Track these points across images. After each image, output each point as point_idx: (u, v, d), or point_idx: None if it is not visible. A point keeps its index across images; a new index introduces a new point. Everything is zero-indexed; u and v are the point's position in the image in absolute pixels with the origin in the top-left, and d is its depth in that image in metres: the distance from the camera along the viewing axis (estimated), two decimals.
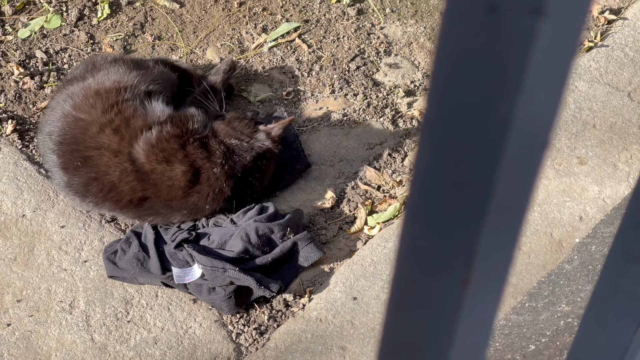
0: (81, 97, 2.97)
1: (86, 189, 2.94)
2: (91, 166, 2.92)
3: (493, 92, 0.58)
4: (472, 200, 0.64)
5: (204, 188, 2.94)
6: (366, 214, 3.07)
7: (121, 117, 2.92)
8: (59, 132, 2.95)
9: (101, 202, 2.95)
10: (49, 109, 3.04)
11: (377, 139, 3.28)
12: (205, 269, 2.81)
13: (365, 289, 2.87)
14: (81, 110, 2.95)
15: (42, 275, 2.90)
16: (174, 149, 2.93)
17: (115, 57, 3.20)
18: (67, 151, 2.93)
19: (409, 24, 3.63)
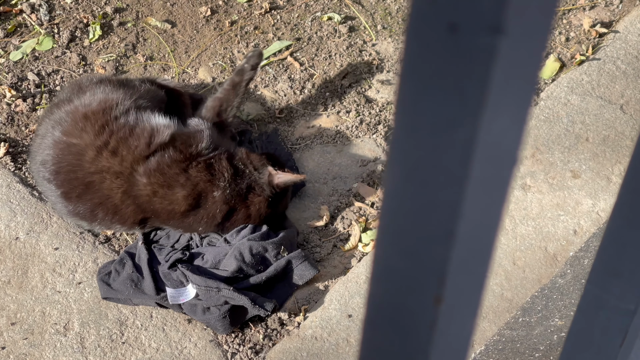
0: (70, 121, 2.95)
1: (93, 214, 2.94)
2: (94, 192, 2.91)
3: (456, 113, 0.58)
4: (440, 220, 0.63)
5: (200, 211, 2.94)
6: (360, 231, 3.07)
7: (116, 137, 2.90)
8: (53, 160, 2.93)
9: (109, 224, 2.96)
10: (38, 137, 3.01)
11: (370, 156, 3.28)
12: (199, 289, 2.80)
13: (360, 306, 2.86)
14: (72, 135, 2.93)
15: (36, 297, 2.89)
16: (176, 174, 2.91)
17: (101, 77, 3.18)
18: (66, 180, 2.92)
19: (401, 41, 3.64)
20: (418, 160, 0.62)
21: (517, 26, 0.55)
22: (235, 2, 3.74)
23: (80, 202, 2.92)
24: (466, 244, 0.65)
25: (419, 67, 0.58)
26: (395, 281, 0.70)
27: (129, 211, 2.91)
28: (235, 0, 3.75)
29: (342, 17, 3.69)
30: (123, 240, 3.07)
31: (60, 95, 3.18)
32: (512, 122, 0.61)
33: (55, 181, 2.93)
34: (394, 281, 0.70)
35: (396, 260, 0.69)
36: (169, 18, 3.69)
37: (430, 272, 0.66)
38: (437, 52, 0.57)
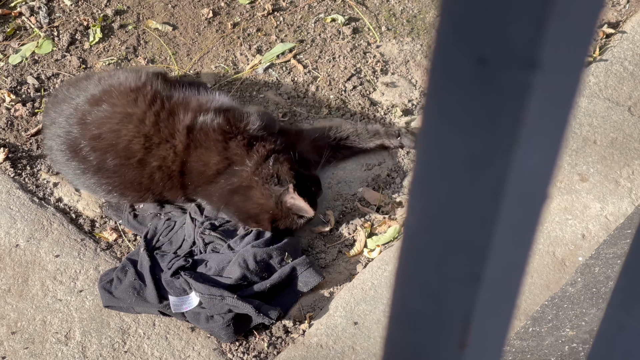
0: (112, 97, 3.00)
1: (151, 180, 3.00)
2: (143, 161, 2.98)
3: (485, 150, 0.54)
4: (466, 261, 0.59)
5: (221, 181, 2.94)
6: (366, 237, 3.02)
7: (168, 107, 3.00)
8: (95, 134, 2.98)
9: (160, 193, 3.03)
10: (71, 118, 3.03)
11: (375, 160, 3.24)
12: (202, 297, 2.76)
13: (366, 314, 2.82)
14: (121, 106, 2.99)
15: (37, 306, 2.85)
16: (217, 140, 2.96)
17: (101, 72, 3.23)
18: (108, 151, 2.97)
19: (405, 42, 3.59)
20: (443, 199, 0.58)
21: (553, 59, 0.50)
22: (238, 4, 3.70)
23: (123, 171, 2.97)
24: (493, 286, 0.61)
25: (446, 102, 0.54)
26: (417, 323, 0.66)
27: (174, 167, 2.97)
28: (237, 2, 3.70)
29: (345, 19, 3.65)
30: (125, 247, 3.03)
31: (60, 93, 3.12)
32: (545, 158, 0.56)
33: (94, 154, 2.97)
34: (415, 323, 0.66)
35: (417, 302, 0.64)
36: (170, 20, 3.65)
37: (455, 315, 0.62)
38: (465, 86, 0.52)
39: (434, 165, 0.57)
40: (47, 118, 3.08)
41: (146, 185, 2.99)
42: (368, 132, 3.20)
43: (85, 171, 2.99)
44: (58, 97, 3.09)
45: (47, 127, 3.07)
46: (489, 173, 0.54)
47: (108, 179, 2.99)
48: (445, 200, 0.58)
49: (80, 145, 2.97)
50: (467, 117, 0.53)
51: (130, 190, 3.00)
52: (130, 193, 3.01)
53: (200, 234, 2.97)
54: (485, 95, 0.52)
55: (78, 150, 2.98)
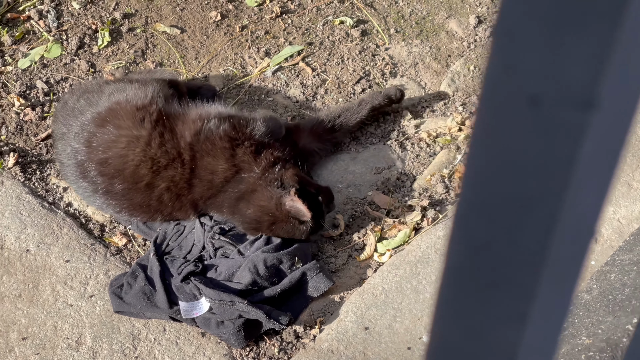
0: (118, 116, 2.97)
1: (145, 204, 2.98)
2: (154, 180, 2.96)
3: (536, 191, 0.52)
4: (512, 300, 0.58)
5: (229, 189, 2.92)
6: (376, 241, 3.01)
7: (170, 124, 2.98)
8: (102, 157, 2.96)
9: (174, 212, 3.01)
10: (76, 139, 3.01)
11: (384, 163, 3.22)
12: (213, 303, 2.75)
13: (377, 318, 2.81)
14: (127, 128, 2.97)
15: (48, 311, 2.84)
16: (224, 147, 2.94)
17: (107, 80, 3.21)
18: (117, 173, 2.97)
19: (414, 44, 3.58)
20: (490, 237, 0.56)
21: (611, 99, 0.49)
22: (246, 7, 3.68)
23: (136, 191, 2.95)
24: (539, 325, 0.59)
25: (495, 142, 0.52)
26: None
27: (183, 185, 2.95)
28: (245, 5, 3.69)
29: (354, 21, 3.63)
30: (135, 251, 3.02)
31: (70, 101, 3.10)
32: (596, 197, 0.55)
33: (103, 176, 2.95)
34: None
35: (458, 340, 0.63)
36: (178, 23, 3.63)
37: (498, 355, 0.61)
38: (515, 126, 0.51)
39: (480, 204, 0.56)
40: (57, 129, 3.06)
41: (155, 207, 2.97)
42: (355, 104, 3.26)
43: (95, 192, 2.98)
44: (68, 105, 3.08)
45: (57, 140, 3.06)
46: (540, 213, 0.53)
47: (116, 201, 2.97)
48: (491, 238, 0.56)
49: (88, 168, 2.96)
50: (517, 157, 0.52)
51: (139, 212, 2.99)
52: (139, 214, 2.99)
53: (210, 239, 2.96)
54: (537, 136, 0.51)
55: (86, 173, 2.96)
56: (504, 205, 0.55)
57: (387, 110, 3.33)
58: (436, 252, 2.94)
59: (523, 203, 0.54)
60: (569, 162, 0.51)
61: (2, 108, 3.34)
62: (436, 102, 3.39)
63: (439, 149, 3.25)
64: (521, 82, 0.50)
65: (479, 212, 0.56)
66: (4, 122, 3.30)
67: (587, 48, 0.47)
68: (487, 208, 0.56)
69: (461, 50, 3.55)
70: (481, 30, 3.59)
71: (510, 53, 0.49)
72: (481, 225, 0.57)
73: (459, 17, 3.65)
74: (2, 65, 3.46)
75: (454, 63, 3.51)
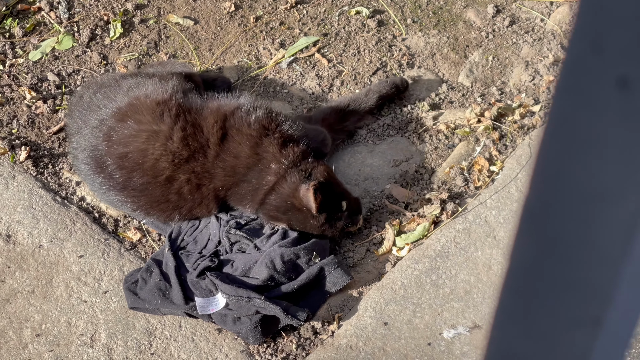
0: (139, 111, 2.93)
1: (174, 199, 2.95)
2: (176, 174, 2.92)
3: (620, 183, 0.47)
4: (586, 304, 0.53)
5: (252, 178, 2.90)
6: (394, 235, 2.96)
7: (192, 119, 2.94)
8: (122, 152, 2.92)
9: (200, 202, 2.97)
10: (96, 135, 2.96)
11: (402, 155, 3.17)
12: (229, 298, 2.70)
13: (396, 314, 2.76)
14: (147, 123, 2.94)
15: (62, 307, 2.80)
16: (251, 135, 2.91)
17: (124, 74, 3.15)
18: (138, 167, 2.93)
19: (432, 35, 3.52)
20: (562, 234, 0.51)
21: None
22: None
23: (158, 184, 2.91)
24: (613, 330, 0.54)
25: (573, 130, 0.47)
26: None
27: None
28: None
29: (370, 11, 3.57)
30: (149, 246, 2.98)
31: (86, 95, 3.05)
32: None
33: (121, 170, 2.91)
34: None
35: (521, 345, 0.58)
36: (191, 14, 3.58)
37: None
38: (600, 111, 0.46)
39: (553, 197, 0.50)
40: (73, 123, 3.01)
41: (174, 203, 2.92)
42: (363, 94, 3.26)
43: (111, 188, 2.93)
44: (84, 99, 3.03)
45: (72, 135, 3.01)
46: (623, 208, 0.47)
47: (133, 198, 2.92)
48: (565, 234, 0.51)
49: (106, 162, 2.91)
50: (599, 146, 0.47)
51: (156, 210, 2.93)
52: (156, 212, 2.94)
53: (225, 233, 2.91)
54: (627, 122, 0.45)
55: (104, 167, 2.91)
56: (582, 198, 0.49)
57: (394, 98, 3.29)
58: (456, 246, 2.89)
59: (604, 196, 0.48)
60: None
61: (13, 101, 3.29)
62: (454, 93, 3.34)
63: (457, 140, 3.20)
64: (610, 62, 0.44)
65: (551, 205, 0.51)
66: (15, 116, 3.25)
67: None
68: (561, 201, 0.50)
69: (479, 40, 3.49)
70: (500, 19, 3.53)
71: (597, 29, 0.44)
72: (553, 221, 0.51)
73: (477, 7, 3.59)
74: (13, 57, 3.41)
75: (472, 53, 3.45)
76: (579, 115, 0.47)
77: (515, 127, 3.19)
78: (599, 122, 0.46)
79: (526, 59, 3.42)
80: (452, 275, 2.84)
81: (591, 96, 0.46)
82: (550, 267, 0.53)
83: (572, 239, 0.51)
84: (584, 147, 0.48)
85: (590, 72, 0.45)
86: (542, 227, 0.52)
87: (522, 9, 3.57)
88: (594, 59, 0.45)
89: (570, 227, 0.51)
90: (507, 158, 3.11)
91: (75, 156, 3.00)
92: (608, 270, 0.51)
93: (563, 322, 0.55)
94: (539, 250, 0.53)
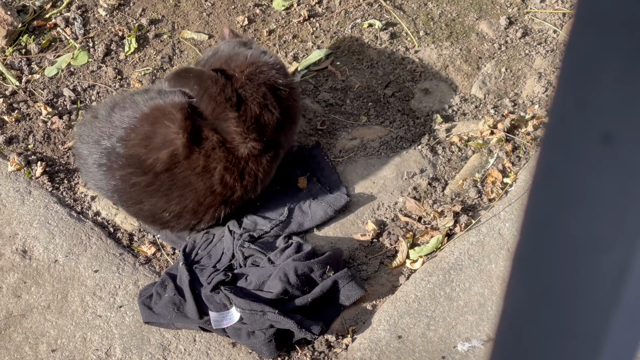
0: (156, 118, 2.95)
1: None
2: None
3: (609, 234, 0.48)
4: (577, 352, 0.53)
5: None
6: (408, 247, 2.96)
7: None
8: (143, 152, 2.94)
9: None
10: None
11: (416, 168, 3.18)
12: (243, 313, 2.72)
13: (410, 327, 2.76)
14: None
15: (77, 322, 2.82)
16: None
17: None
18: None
19: (444, 47, 3.52)
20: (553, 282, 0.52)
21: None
22: (273, 11, 3.64)
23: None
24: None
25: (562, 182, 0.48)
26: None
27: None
28: (272, 9, 3.65)
29: (383, 24, 3.58)
30: (164, 261, 3.00)
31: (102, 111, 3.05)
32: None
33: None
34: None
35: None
36: (205, 29, 3.60)
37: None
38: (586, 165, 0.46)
39: (544, 244, 0.51)
40: (84, 134, 3.02)
41: (220, 193, 2.96)
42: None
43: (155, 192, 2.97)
44: (98, 117, 3.02)
45: (85, 144, 3.00)
46: (612, 258, 0.48)
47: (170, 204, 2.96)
48: (555, 283, 0.52)
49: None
50: (588, 197, 0.47)
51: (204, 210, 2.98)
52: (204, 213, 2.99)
53: (239, 247, 2.92)
54: (611, 175, 0.46)
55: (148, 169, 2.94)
56: (570, 247, 0.50)
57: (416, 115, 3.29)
58: (469, 259, 2.89)
59: (592, 247, 0.49)
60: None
61: (29, 117, 3.32)
62: (467, 105, 3.34)
63: (470, 152, 3.20)
64: (594, 118, 0.45)
65: (541, 253, 0.52)
66: (31, 131, 3.28)
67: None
68: (550, 249, 0.51)
69: (492, 51, 3.49)
70: (512, 31, 3.53)
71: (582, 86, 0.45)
72: (544, 267, 0.52)
73: (490, 18, 3.59)
74: (29, 73, 3.44)
75: (485, 65, 3.46)
76: (565, 168, 0.47)
77: (529, 138, 3.19)
78: (585, 175, 0.47)
79: (539, 70, 3.42)
80: (466, 287, 2.84)
81: (577, 150, 0.47)
82: (542, 313, 0.54)
83: (562, 286, 0.52)
84: (570, 199, 0.48)
85: (575, 127, 0.46)
86: (533, 273, 0.53)
87: (534, 20, 3.57)
88: (579, 114, 0.46)
89: (560, 275, 0.51)
90: (521, 170, 3.12)
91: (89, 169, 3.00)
92: (598, 318, 0.51)
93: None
94: (530, 295, 0.54)
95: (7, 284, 2.89)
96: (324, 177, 3.15)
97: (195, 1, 3.66)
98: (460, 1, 3.65)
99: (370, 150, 3.23)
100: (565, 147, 0.47)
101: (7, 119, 3.29)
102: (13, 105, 3.34)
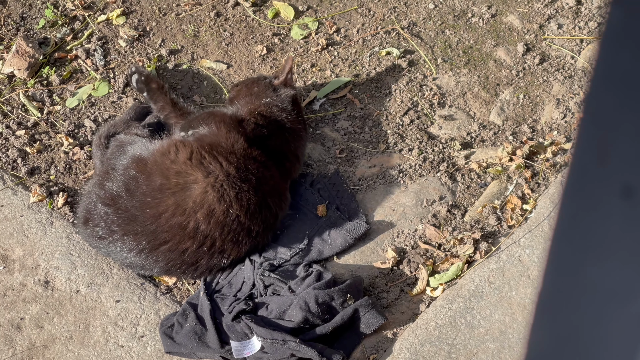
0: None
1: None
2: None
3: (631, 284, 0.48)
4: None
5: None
6: (428, 275, 2.96)
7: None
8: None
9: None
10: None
11: (435, 195, 3.18)
12: (264, 342, 2.72)
13: (431, 355, 2.76)
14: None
15: (99, 353, 2.83)
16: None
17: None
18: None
19: (462, 74, 3.53)
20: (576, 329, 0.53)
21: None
22: (291, 40, 3.67)
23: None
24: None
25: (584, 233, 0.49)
26: None
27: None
28: (291, 38, 3.67)
29: (401, 52, 3.60)
30: (185, 290, 3.01)
31: None
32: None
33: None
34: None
35: None
36: (224, 58, 3.63)
37: None
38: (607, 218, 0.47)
39: (567, 294, 0.52)
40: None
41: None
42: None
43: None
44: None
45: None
46: (631, 308, 0.49)
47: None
48: (578, 331, 0.52)
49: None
50: (606, 249, 0.48)
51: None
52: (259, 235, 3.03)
53: (260, 276, 2.93)
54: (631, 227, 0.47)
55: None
56: (595, 295, 0.51)
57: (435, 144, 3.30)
58: (490, 286, 2.89)
59: (617, 294, 0.50)
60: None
61: (51, 148, 3.35)
62: (486, 132, 3.34)
63: (490, 179, 3.20)
64: (614, 172, 0.46)
65: (566, 301, 0.52)
66: (53, 162, 3.31)
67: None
68: (575, 297, 0.52)
69: (510, 78, 3.50)
70: (530, 57, 3.54)
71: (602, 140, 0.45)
72: (566, 315, 0.53)
73: (507, 45, 3.60)
74: (51, 104, 3.48)
75: (503, 92, 3.46)
76: (587, 219, 0.48)
77: (548, 165, 3.19)
78: (605, 227, 0.48)
79: (557, 96, 3.42)
80: (487, 315, 2.84)
81: (597, 203, 0.47)
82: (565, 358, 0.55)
83: (585, 334, 0.52)
84: (592, 249, 0.49)
85: (595, 181, 0.47)
86: (556, 319, 0.54)
87: (552, 47, 3.58)
88: (599, 168, 0.47)
89: (582, 322, 0.52)
90: (540, 196, 3.11)
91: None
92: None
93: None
94: (555, 341, 0.55)
95: (29, 315, 2.90)
96: (344, 205, 3.16)
97: (214, 31, 3.70)
98: (477, 28, 3.67)
99: (389, 177, 3.24)
100: (586, 199, 0.48)
101: (29, 150, 3.32)
102: (35, 136, 3.38)
